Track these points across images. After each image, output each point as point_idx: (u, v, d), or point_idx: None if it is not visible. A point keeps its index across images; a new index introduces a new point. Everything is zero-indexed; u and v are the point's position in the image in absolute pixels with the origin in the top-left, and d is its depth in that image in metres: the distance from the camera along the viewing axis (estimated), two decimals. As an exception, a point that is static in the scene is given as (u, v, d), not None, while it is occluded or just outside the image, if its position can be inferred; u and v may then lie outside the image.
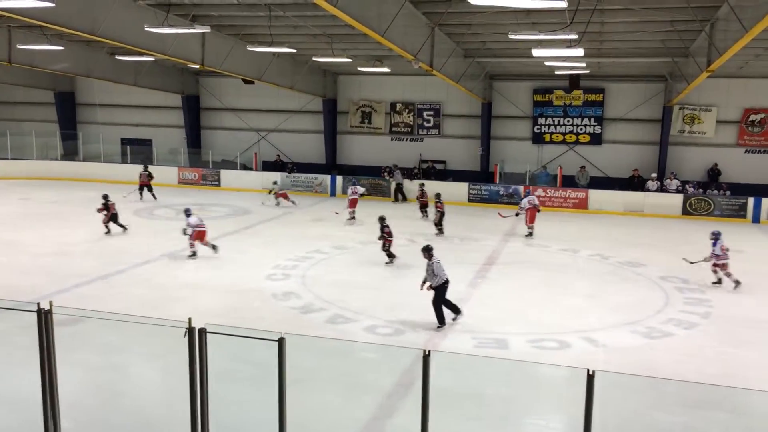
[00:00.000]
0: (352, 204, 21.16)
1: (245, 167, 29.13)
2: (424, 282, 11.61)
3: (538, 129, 27.16)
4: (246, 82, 25.93)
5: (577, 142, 26.84)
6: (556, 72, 23.43)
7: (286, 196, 23.72)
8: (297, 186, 27.16)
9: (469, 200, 25.29)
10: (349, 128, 29.42)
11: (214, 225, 19.91)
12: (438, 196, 19.74)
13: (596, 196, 24.37)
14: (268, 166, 28.69)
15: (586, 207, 24.29)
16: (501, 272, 15.40)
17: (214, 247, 15.99)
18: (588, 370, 5.04)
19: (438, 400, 5.72)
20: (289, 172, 27.53)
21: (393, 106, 28.72)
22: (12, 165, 29.37)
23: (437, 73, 19.46)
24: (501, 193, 25.13)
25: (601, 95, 26.33)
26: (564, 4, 9.92)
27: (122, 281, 13.84)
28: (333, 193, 26.69)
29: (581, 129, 26.73)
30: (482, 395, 8.59)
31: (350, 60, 21.93)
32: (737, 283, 13.92)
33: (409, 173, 26.87)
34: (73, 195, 24.96)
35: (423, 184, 23.13)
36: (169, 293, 12.92)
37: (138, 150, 30.80)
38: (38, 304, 5.62)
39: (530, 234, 19.30)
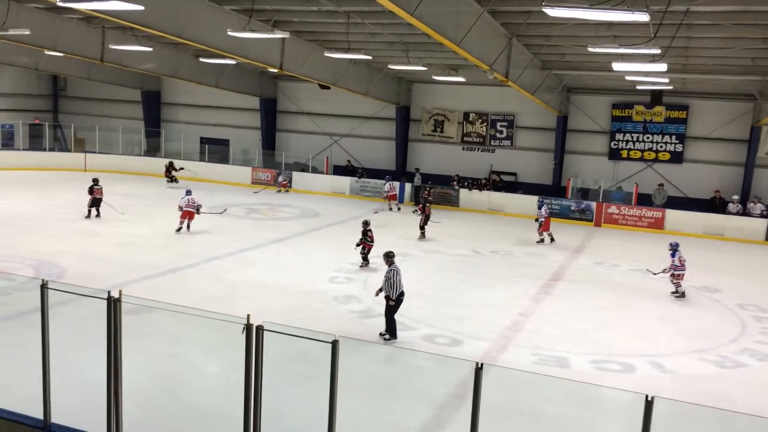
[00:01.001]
0: (392, 198, 24.56)
1: (316, 170, 29.58)
2: (380, 290, 11.11)
3: (615, 144, 26.41)
4: (322, 87, 26.36)
5: (656, 160, 25.92)
6: (638, 87, 22.74)
7: (286, 186, 27.16)
8: (366, 191, 27.38)
9: (539, 214, 24.82)
10: (421, 136, 29.44)
11: (282, 226, 20.36)
12: (424, 200, 20.43)
13: (674, 216, 23.45)
14: (339, 171, 29.04)
15: (662, 227, 23.41)
16: (566, 289, 15.03)
17: (188, 227, 18.39)
18: (647, 396, 4.85)
19: (491, 415, 5.64)
20: (359, 177, 27.79)
21: (466, 115, 28.57)
22: (99, 158, 30.88)
23: (513, 84, 19.23)
24: (572, 208, 24.55)
25: (685, 112, 25.35)
26: (647, 18, 9.63)
27: (192, 275, 14.31)
28: (401, 200, 26.74)
29: (661, 146, 25.81)
30: (538, 414, 8.41)
31: (425, 68, 21.96)
32: (682, 295, 14.54)
33: (477, 184, 26.63)
34: (151, 189, 26.01)
35: (429, 186, 24.27)
36: (237, 290, 13.26)
37: (215, 149, 31.85)
38: (108, 292, 5.88)
39: (542, 240, 19.86)
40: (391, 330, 10.96)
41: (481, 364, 4.97)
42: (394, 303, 10.82)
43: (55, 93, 36.40)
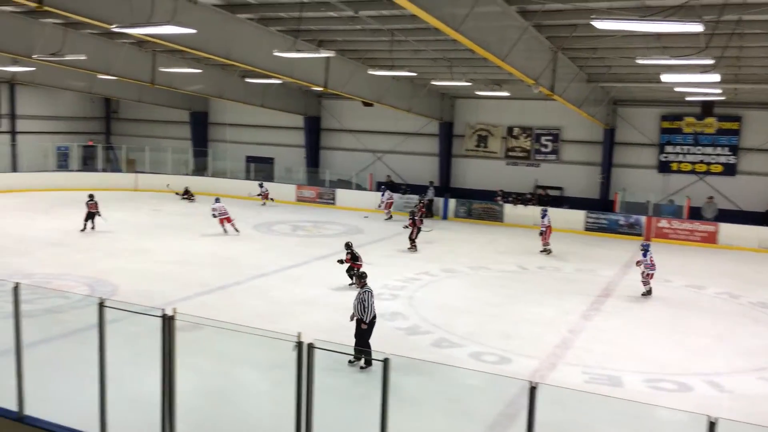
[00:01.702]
0: (388, 206, 26.02)
1: (360, 187, 29.74)
2: (353, 315, 10.37)
3: (664, 157, 25.84)
4: (365, 104, 26.59)
5: (708, 173, 25.25)
6: (687, 98, 22.24)
7: (267, 196, 27.86)
8: (409, 208, 27.30)
9: (586, 229, 24.40)
10: (464, 152, 29.34)
11: (327, 243, 20.47)
12: (412, 213, 20.47)
13: (727, 230, 22.74)
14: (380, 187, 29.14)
15: (715, 241, 22.72)
16: (617, 306, 14.69)
17: (237, 229, 20.39)
18: (709, 417, 4.67)
19: (544, 436, 5.50)
20: (403, 194, 27.83)
21: (510, 130, 28.38)
22: (149, 178, 31.70)
23: (558, 97, 19.03)
24: (621, 222, 24.06)
25: (737, 123, 24.66)
26: (701, 28, 9.41)
27: (239, 293, 14.48)
28: (445, 216, 26.66)
29: (713, 158, 25.14)
30: (591, 434, 8.20)
31: (469, 84, 21.93)
32: (649, 292, 15.25)
33: (522, 199, 26.36)
34: (199, 208, 26.50)
35: (420, 201, 24.88)
36: (284, 307, 13.36)
37: (260, 168, 32.35)
38: (163, 310, 5.98)
39: (545, 250, 19.89)
40: (364, 355, 9.99)
41: (536, 384, 4.88)
42: (366, 326, 10.09)
43: (107, 115, 37.60)
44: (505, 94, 23.89)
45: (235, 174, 32.56)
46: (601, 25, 9.47)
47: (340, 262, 15.08)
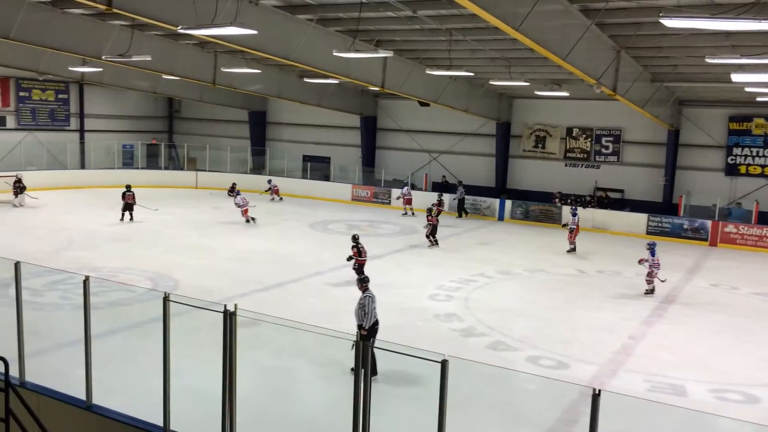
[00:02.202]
0: (407, 202, 26.42)
1: (415, 187, 29.71)
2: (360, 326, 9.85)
3: (732, 159, 24.89)
4: (422, 104, 26.51)
5: (778, 176, 24.21)
6: (758, 98, 21.35)
7: (277, 192, 28.83)
8: (466, 208, 27.15)
9: (648, 232, 23.69)
10: (522, 152, 28.94)
11: (382, 242, 20.51)
12: (430, 210, 20.72)
13: (799, 236, 21.74)
14: (437, 187, 29.01)
15: (786, 248, 21.76)
16: (681, 312, 14.23)
17: (254, 219, 21.51)
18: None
19: (605, 444, 5.36)
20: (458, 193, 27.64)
21: (569, 131, 27.85)
22: (209, 176, 32.44)
23: (620, 98, 18.56)
24: (685, 227, 23.29)
25: (811, 125, 23.56)
26: (772, 25, 9.01)
27: (297, 290, 14.66)
28: (501, 217, 26.35)
29: (785, 161, 24.10)
30: (654, 444, 7.96)
31: (527, 84, 21.63)
32: (652, 291, 15.31)
33: (581, 201, 25.82)
34: (259, 207, 26.93)
35: (439, 199, 24.84)
36: (339, 306, 13.44)
37: (317, 167, 32.69)
38: (225, 306, 6.09)
39: (573, 249, 19.96)
40: (371, 365, 9.82)
41: (599, 391, 4.75)
42: (366, 333, 9.55)
43: (170, 115, 38.67)
44: (565, 94, 23.46)
45: (292, 173, 32.99)
46: (669, 23, 9.15)
47: (349, 258, 15.15)
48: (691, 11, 11.06)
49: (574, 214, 20.42)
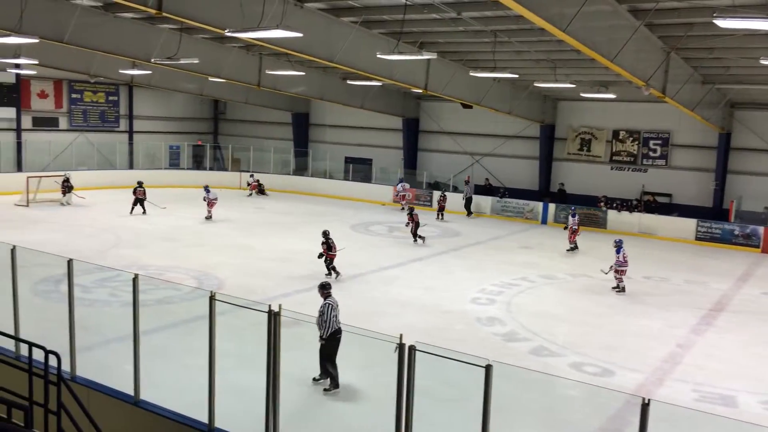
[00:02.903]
0: (401, 198, 27.23)
1: (456, 189, 29.56)
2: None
3: (786, 164, 24.05)
4: (464, 106, 26.36)
5: (836, 181, 23.31)
6: (814, 101, 20.65)
7: (256, 188, 29.11)
8: (507, 211, 26.91)
9: (697, 238, 23.10)
10: (566, 155, 28.52)
11: (423, 244, 20.44)
12: (411, 209, 21.34)
13: None
14: (478, 190, 28.80)
15: (843, 256, 20.93)
16: (731, 321, 13.81)
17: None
18: None
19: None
20: (500, 197, 27.41)
21: (616, 133, 27.33)
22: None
23: (670, 100, 18.13)
24: (736, 233, 22.60)
25: None
26: (832, 25, 8.70)
27: (336, 291, 14.62)
28: (544, 221, 26.01)
29: (842, 166, 23.18)
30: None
31: (573, 86, 21.30)
32: (623, 290, 15.45)
33: (627, 205, 25.28)
34: (299, 207, 27.22)
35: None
36: (379, 307, 13.46)
37: (359, 168, 32.81)
38: (269, 306, 6.15)
39: (574, 248, 20.24)
40: (330, 377, 9.19)
41: (648, 400, 4.64)
42: (324, 342, 9.16)
43: (215, 116, 39.33)
44: (612, 96, 23.02)
45: (334, 174, 33.18)
46: (723, 23, 8.90)
47: (320, 256, 15.44)
48: (746, 11, 10.71)
49: (574, 215, 20.59)
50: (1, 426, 5.60)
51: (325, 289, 9.80)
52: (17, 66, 26.34)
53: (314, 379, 9.38)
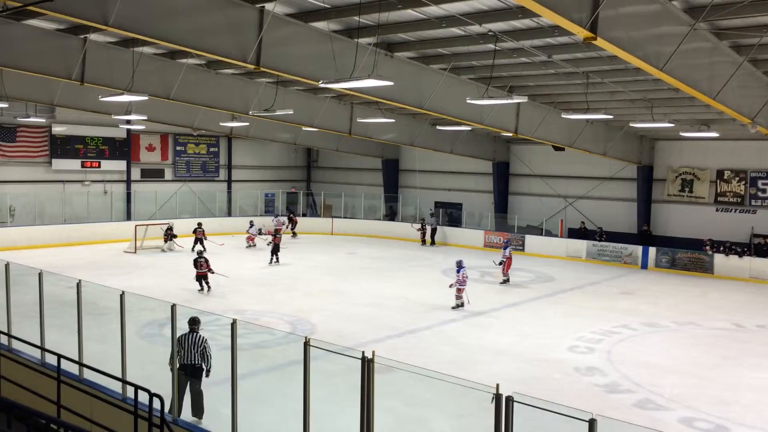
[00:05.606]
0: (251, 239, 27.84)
1: (550, 233, 28.85)
2: None
3: None
4: (556, 148, 25.91)
5: None
6: None
7: (252, 239, 28.00)
8: (604, 256, 25.95)
9: (816, 284, 21.38)
10: (666, 197, 27.32)
11: (517, 290, 19.98)
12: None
13: None
14: (573, 233, 27.99)
15: None
16: None
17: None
18: None
19: None
20: (599, 239, 26.50)
21: (720, 173, 25.97)
22: (344, 223, 33.49)
23: (778, 136, 17.13)
24: None
25: None
26: None
27: (429, 337, 14.54)
28: (644, 265, 24.86)
29: None
30: None
31: (672, 125, 20.48)
32: (462, 305, 16.88)
33: (736, 249, 23.78)
34: (389, 252, 27.33)
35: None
36: (473, 355, 13.17)
37: (448, 213, 32.73)
38: (363, 352, 6.13)
39: (507, 281, 20.87)
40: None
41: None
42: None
43: (308, 164, 40.54)
44: (714, 134, 21.95)
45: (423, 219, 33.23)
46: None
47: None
48: None
49: (506, 247, 21.45)
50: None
51: (192, 324, 9.15)
52: (128, 122, 28.35)
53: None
